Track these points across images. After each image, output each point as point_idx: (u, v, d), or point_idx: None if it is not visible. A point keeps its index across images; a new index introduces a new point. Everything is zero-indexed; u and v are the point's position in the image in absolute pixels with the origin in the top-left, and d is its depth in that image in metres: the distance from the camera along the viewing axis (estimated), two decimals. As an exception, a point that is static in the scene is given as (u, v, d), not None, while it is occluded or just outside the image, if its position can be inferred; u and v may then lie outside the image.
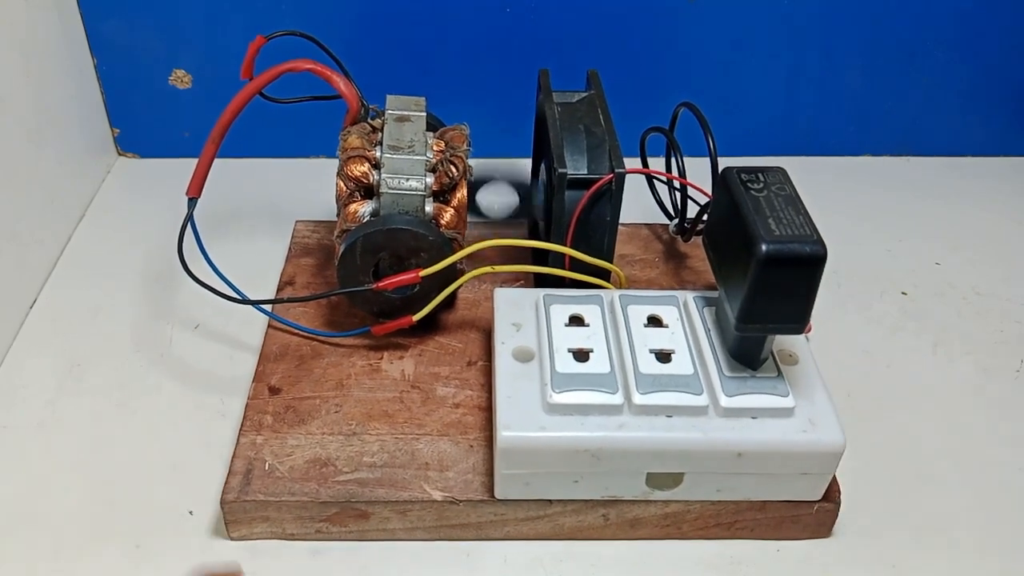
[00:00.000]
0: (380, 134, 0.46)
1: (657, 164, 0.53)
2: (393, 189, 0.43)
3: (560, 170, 0.43)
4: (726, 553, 0.40)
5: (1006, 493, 0.43)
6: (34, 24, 0.54)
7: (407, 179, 0.44)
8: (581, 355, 0.40)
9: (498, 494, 0.39)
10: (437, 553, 0.40)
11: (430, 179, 0.44)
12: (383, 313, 0.46)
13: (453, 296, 0.47)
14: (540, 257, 0.48)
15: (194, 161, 0.44)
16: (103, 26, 0.60)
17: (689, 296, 0.43)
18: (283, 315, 0.48)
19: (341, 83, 0.45)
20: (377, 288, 0.44)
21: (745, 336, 0.38)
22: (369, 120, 0.47)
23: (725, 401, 0.38)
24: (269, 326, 0.48)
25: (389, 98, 0.48)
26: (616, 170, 0.43)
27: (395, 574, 0.39)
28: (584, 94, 0.49)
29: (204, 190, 0.44)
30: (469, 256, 0.44)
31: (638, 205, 0.55)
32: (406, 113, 0.47)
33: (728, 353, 0.40)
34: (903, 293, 0.56)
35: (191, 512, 0.41)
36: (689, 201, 0.52)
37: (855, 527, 0.41)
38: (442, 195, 0.45)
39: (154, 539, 0.40)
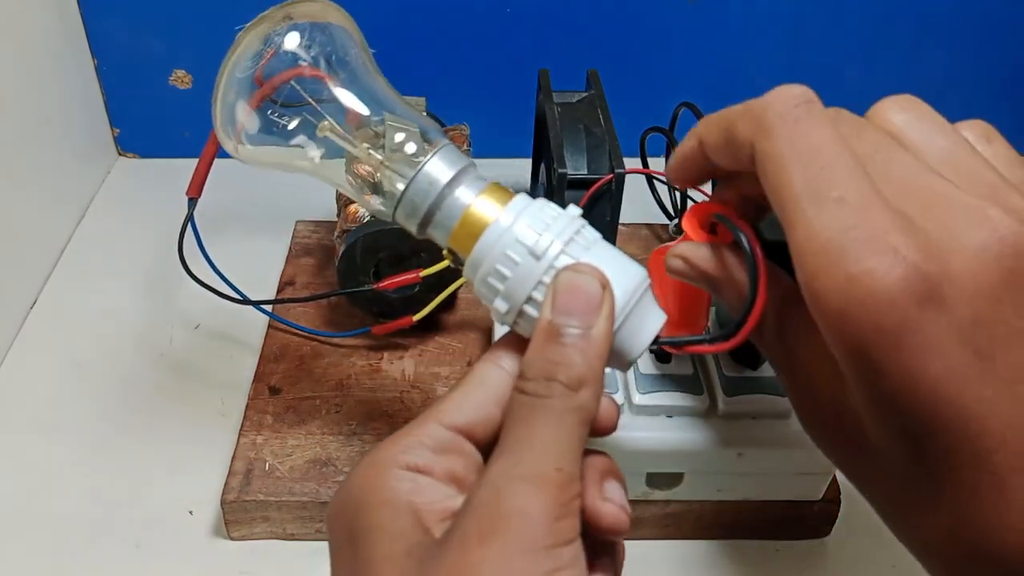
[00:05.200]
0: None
1: (657, 164, 0.53)
2: (393, 189, 0.43)
3: (560, 170, 0.43)
4: (726, 553, 0.40)
5: (1006, 493, 0.43)
6: (34, 24, 0.54)
7: (407, 179, 0.43)
8: (581, 355, 0.40)
9: (498, 494, 0.39)
10: (437, 553, 0.40)
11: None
12: (383, 313, 0.46)
13: (453, 296, 0.47)
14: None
15: (194, 161, 0.44)
16: (103, 26, 0.60)
17: (689, 296, 0.43)
18: (283, 315, 0.48)
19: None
20: (377, 288, 0.44)
21: (745, 336, 0.38)
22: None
23: (725, 401, 0.38)
24: (269, 326, 0.48)
25: (389, 98, 0.48)
26: (616, 170, 0.43)
27: (395, 574, 0.39)
28: (584, 94, 0.49)
29: (204, 190, 0.44)
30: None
31: (638, 205, 0.55)
32: (406, 113, 0.47)
33: (728, 353, 0.40)
34: (903, 293, 0.56)
35: (191, 512, 0.41)
36: (689, 201, 0.52)
37: (855, 527, 0.41)
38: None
39: (154, 539, 0.40)
